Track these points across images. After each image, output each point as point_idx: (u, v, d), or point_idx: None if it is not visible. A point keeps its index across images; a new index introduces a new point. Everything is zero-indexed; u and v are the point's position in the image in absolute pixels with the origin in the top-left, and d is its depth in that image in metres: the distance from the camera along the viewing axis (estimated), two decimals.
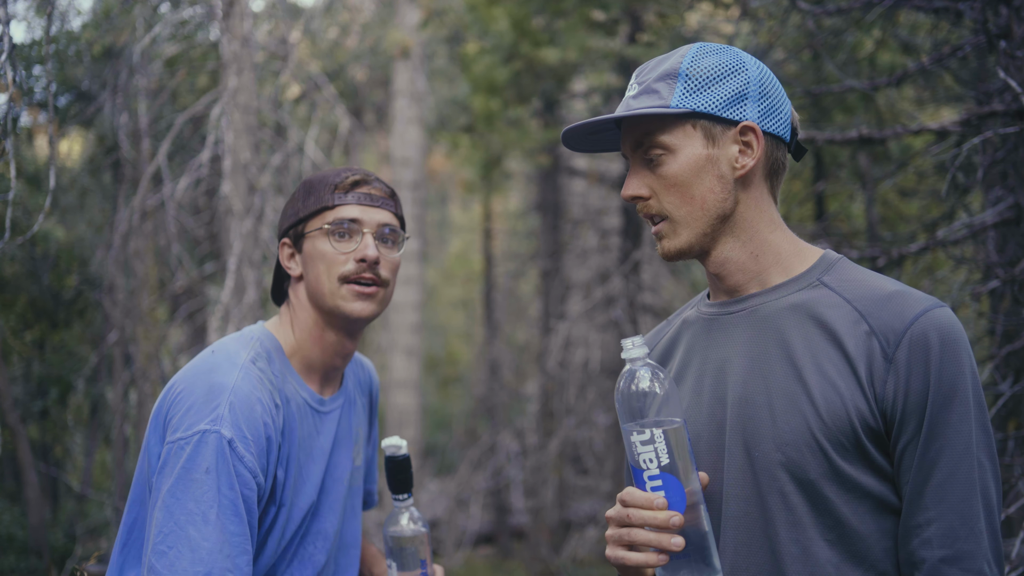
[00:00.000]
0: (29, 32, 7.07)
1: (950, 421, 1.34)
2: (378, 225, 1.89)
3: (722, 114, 1.45)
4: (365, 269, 1.85)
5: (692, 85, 1.46)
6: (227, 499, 1.65)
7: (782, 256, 1.50)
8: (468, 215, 17.80)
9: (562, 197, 10.62)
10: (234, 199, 4.93)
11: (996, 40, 3.04)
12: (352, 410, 2.01)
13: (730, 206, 1.47)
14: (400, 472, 1.90)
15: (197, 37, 6.98)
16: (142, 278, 6.52)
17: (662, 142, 1.47)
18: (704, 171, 1.46)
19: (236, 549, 1.64)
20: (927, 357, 1.34)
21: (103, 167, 7.31)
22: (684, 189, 1.46)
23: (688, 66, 1.47)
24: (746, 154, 1.47)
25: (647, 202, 1.50)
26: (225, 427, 1.68)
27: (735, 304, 1.52)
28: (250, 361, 1.81)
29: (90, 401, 7.46)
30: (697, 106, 1.45)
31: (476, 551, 10.91)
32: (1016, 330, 3.32)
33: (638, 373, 1.41)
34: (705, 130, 1.46)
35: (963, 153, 3.30)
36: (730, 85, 1.46)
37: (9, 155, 2.80)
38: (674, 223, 1.49)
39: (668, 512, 1.36)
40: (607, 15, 8.04)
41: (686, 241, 1.49)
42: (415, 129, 9.28)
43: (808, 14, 3.85)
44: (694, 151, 1.46)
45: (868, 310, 1.40)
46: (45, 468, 7.33)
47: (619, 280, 8.56)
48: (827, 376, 1.38)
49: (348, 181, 1.89)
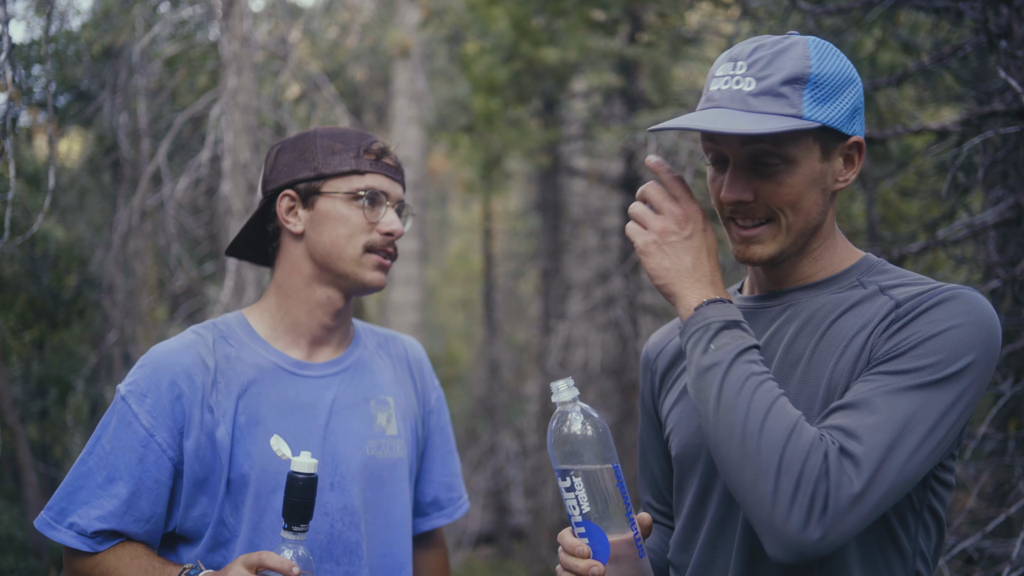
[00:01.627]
0: (29, 32, 7.07)
1: (925, 366, 1.29)
2: (398, 199, 1.92)
3: (844, 130, 1.41)
4: (390, 243, 1.88)
5: (820, 94, 1.38)
6: (104, 449, 1.74)
7: (834, 259, 1.50)
8: (468, 215, 17.80)
9: (562, 197, 10.61)
10: (234, 199, 4.93)
11: (997, 40, 3.03)
12: (362, 376, 1.94)
13: (824, 218, 1.46)
14: (296, 494, 1.59)
15: (197, 37, 6.98)
16: (142, 278, 6.52)
17: (785, 153, 1.39)
18: (815, 184, 1.42)
19: (89, 496, 1.73)
20: (937, 308, 1.32)
21: (103, 167, 7.31)
22: (795, 201, 1.41)
23: (816, 70, 1.38)
24: (850, 169, 1.45)
25: (750, 205, 1.43)
26: (124, 385, 1.77)
27: (772, 299, 1.51)
28: (191, 331, 1.87)
29: (90, 401, 7.45)
30: (826, 119, 1.38)
31: (476, 551, 10.91)
32: (1016, 330, 3.32)
33: (568, 416, 1.40)
34: (823, 143, 1.41)
35: (963, 153, 3.29)
36: (850, 96, 1.42)
37: (9, 155, 2.80)
38: (775, 230, 1.44)
39: (588, 561, 1.37)
40: (607, 15, 8.03)
41: (782, 249, 1.45)
42: (415, 129, 9.27)
43: (808, 14, 3.85)
44: (812, 165, 1.41)
45: (898, 293, 1.39)
46: (45, 468, 7.33)
47: (619, 280, 8.55)
48: (858, 371, 1.37)
49: (376, 148, 1.90)
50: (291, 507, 1.60)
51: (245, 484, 1.77)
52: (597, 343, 9.46)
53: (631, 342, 8.55)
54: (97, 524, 1.72)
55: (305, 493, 1.59)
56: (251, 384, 1.81)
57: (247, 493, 1.77)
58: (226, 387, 1.79)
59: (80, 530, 1.72)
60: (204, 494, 1.77)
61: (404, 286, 8.95)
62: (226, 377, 1.80)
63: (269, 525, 1.78)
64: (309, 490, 1.60)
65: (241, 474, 1.77)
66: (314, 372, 1.88)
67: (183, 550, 1.81)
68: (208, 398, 1.77)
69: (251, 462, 1.77)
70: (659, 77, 8.12)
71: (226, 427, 1.76)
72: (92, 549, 1.73)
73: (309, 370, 1.87)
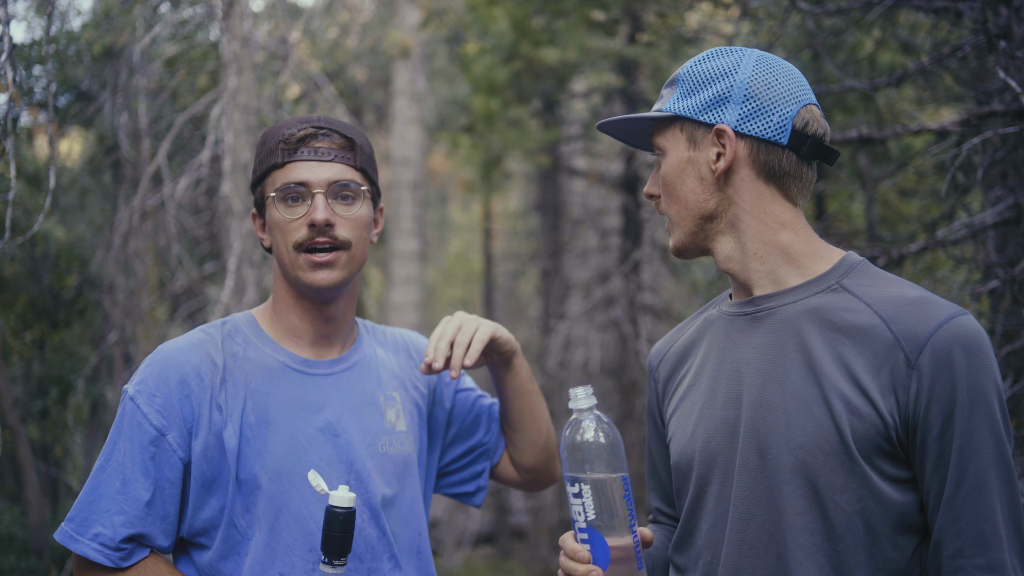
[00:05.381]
0: (29, 32, 7.08)
1: (976, 429, 1.33)
2: (329, 183, 1.75)
3: (698, 117, 1.51)
4: (317, 234, 1.73)
5: (684, 90, 1.53)
6: (120, 454, 1.71)
7: (793, 256, 1.49)
8: (468, 215, 17.81)
9: (562, 197, 10.62)
10: (234, 199, 4.94)
11: (996, 40, 3.04)
12: (368, 373, 1.91)
13: (713, 206, 1.51)
14: (336, 528, 1.63)
15: (197, 37, 6.98)
16: (142, 278, 6.53)
17: (657, 144, 1.56)
18: (686, 172, 1.52)
19: (111, 504, 1.68)
20: (951, 365, 1.33)
21: (103, 167, 7.32)
22: (672, 189, 1.54)
23: (686, 72, 1.54)
24: (721, 156, 1.50)
25: (657, 200, 1.58)
26: (132, 386, 1.73)
27: (751, 305, 1.52)
28: (199, 330, 1.82)
29: (90, 401, 7.46)
30: (679, 110, 1.52)
31: (476, 551, 10.92)
32: (1016, 330, 3.32)
33: (583, 424, 1.43)
34: (688, 133, 1.52)
35: (963, 153, 3.29)
36: (713, 89, 1.51)
37: (9, 155, 2.80)
38: (671, 222, 1.57)
39: (588, 567, 1.41)
40: (607, 15, 8.04)
41: (679, 239, 1.56)
42: (415, 129, 9.28)
43: (808, 14, 3.85)
44: (679, 153, 1.53)
45: (890, 316, 1.38)
46: (45, 468, 7.34)
47: (619, 280, 8.56)
48: (846, 381, 1.37)
49: (295, 137, 1.75)
50: (331, 541, 1.61)
51: (256, 485, 1.74)
52: (597, 343, 9.47)
53: (631, 342, 8.56)
54: (124, 530, 1.68)
55: (345, 527, 1.61)
56: (259, 383, 1.79)
57: (258, 494, 1.74)
58: (234, 386, 1.77)
59: (105, 540, 1.67)
60: (212, 496, 1.74)
61: (404, 286, 8.96)
62: (234, 376, 1.77)
63: (285, 527, 1.74)
64: (349, 524, 1.62)
65: (251, 474, 1.74)
66: (321, 370, 1.85)
67: (196, 555, 1.77)
68: (217, 397, 1.74)
69: (262, 463, 1.75)
70: (659, 77, 8.12)
71: (234, 427, 1.74)
72: (115, 565, 1.68)
73: (316, 368, 1.84)
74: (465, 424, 2.07)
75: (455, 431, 2.07)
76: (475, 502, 2.12)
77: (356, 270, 1.80)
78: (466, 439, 2.07)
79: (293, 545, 1.73)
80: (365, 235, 1.80)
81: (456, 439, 2.07)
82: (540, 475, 2.12)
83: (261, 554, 1.73)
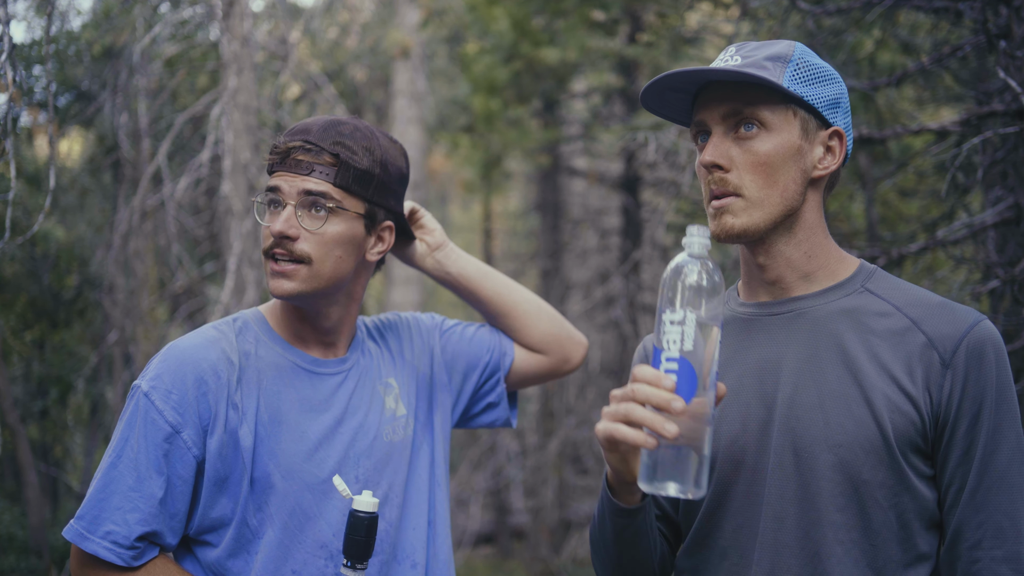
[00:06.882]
0: (29, 32, 7.08)
1: (1002, 424, 1.39)
2: (299, 194, 1.74)
3: (824, 112, 1.47)
4: (276, 244, 1.74)
5: (802, 75, 1.46)
6: (133, 450, 1.69)
7: (831, 261, 1.52)
8: (468, 215, 17.81)
9: (562, 197, 10.62)
10: (234, 199, 4.94)
11: (996, 40, 3.04)
12: (368, 366, 1.94)
13: (799, 203, 1.48)
14: (360, 533, 1.68)
15: (197, 37, 6.98)
16: (142, 278, 6.53)
17: (763, 117, 1.44)
18: (793, 160, 1.45)
19: (124, 502, 1.67)
20: (983, 363, 1.38)
21: (103, 167, 7.32)
22: (770, 171, 1.44)
23: (799, 57, 1.47)
24: (830, 159, 1.49)
25: (724, 175, 1.45)
26: (145, 381, 1.72)
27: (779, 305, 1.52)
28: (211, 327, 1.82)
29: (90, 401, 7.47)
30: (806, 95, 1.45)
31: (476, 551, 10.92)
32: (1016, 330, 3.32)
33: (709, 265, 1.31)
34: (803, 122, 1.46)
35: (963, 153, 3.30)
36: (833, 88, 1.48)
37: (9, 155, 2.80)
38: (748, 202, 1.45)
39: (672, 394, 1.24)
40: (607, 15, 8.05)
41: (754, 222, 1.45)
42: (415, 129, 9.27)
43: (808, 14, 3.85)
44: (791, 137, 1.45)
45: (920, 317, 1.43)
46: (45, 468, 7.34)
47: (619, 280, 8.56)
48: (885, 380, 1.40)
49: (281, 148, 1.77)
50: (354, 546, 1.65)
51: (269, 484, 1.75)
52: (597, 343, 9.47)
53: (631, 342, 8.56)
54: (139, 528, 1.66)
55: (369, 532, 1.65)
56: (271, 382, 1.80)
57: (271, 492, 1.75)
58: (248, 384, 1.77)
59: (118, 539, 1.66)
60: (224, 495, 1.74)
61: (404, 286, 8.95)
62: (248, 374, 1.78)
63: (297, 525, 1.76)
64: (372, 529, 1.66)
65: (265, 473, 1.75)
66: (329, 369, 1.87)
67: (200, 553, 1.77)
68: (233, 395, 1.74)
69: (276, 461, 1.76)
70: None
71: (249, 425, 1.75)
72: (127, 564, 1.66)
73: (326, 367, 1.87)
74: (470, 353, 2.09)
75: (463, 364, 2.08)
76: (510, 422, 2.15)
77: (322, 286, 1.77)
78: (475, 365, 2.09)
79: (305, 543, 1.75)
80: (337, 252, 1.77)
81: (468, 370, 2.09)
82: (559, 341, 2.12)
83: (274, 552, 1.74)
